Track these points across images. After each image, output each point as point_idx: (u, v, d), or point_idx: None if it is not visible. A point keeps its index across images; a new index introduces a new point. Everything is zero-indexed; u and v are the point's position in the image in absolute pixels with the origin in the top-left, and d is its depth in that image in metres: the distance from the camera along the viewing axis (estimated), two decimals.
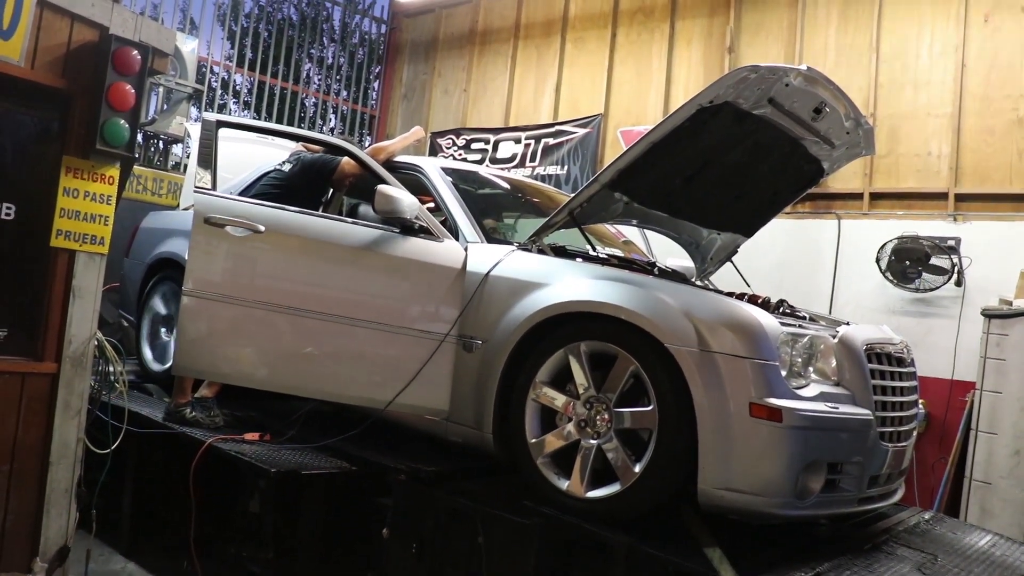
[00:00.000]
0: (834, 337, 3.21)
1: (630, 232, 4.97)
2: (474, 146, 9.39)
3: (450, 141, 9.60)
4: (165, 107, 8.27)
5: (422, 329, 3.67)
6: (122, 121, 3.48)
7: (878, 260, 6.22)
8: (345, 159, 4.36)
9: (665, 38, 8.17)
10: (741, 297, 3.62)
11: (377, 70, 10.98)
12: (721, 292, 3.77)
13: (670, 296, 3.14)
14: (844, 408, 3.07)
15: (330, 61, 10.66)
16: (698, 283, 4.38)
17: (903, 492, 3.62)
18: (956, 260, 5.98)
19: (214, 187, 3.94)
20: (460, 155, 9.41)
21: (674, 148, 3.52)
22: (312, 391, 3.97)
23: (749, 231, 4.52)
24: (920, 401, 3.76)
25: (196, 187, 3.89)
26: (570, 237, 4.03)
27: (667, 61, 8.11)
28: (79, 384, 3.57)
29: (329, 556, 3.95)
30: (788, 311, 3.74)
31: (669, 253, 4.76)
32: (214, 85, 9.63)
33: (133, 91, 3.49)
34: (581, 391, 3.22)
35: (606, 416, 3.15)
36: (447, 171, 4.31)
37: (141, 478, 4.60)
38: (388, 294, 3.79)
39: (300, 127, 9.80)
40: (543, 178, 8.51)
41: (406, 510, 3.59)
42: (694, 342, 2.96)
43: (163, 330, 5.26)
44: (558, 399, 3.28)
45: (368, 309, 3.74)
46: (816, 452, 2.94)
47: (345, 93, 10.73)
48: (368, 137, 10.69)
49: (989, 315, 5.34)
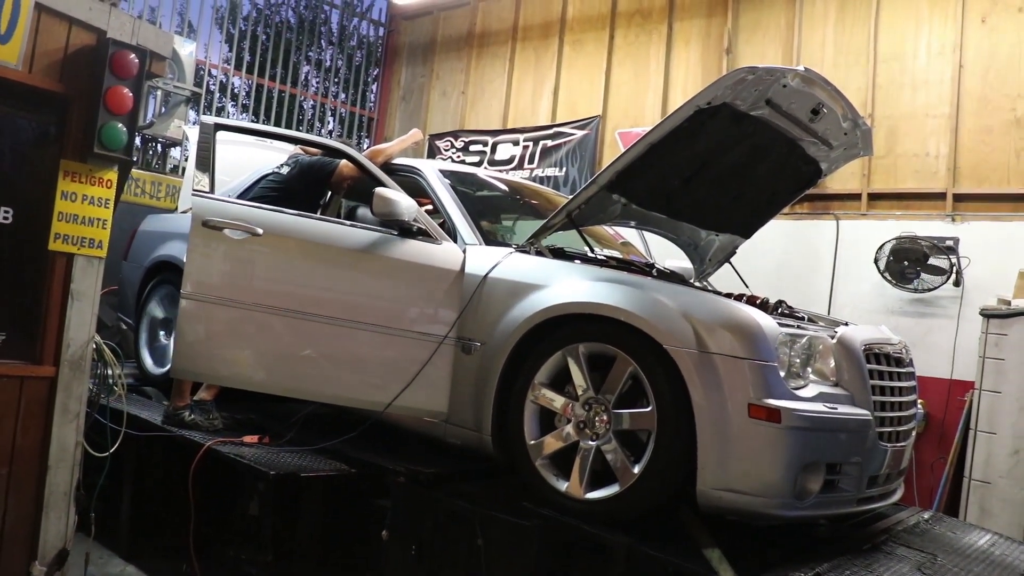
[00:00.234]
0: (833, 338, 3.22)
1: (628, 234, 4.97)
2: (472, 148, 9.39)
3: (448, 143, 9.61)
4: (163, 110, 8.26)
5: (420, 331, 3.67)
6: (120, 125, 3.48)
7: (876, 260, 6.23)
8: (343, 162, 4.36)
9: (663, 39, 8.18)
10: (739, 298, 3.62)
11: (375, 73, 10.99)
12: (720, 293, 3.77)
13: (668, 297, 3.15)
14: (843, 409, 3.07)
15: (328, 64, 10.67)
16: (696, 284, 4.38)
17: (902, 492, 3.62)
18: (954, 260, 5.99)
19: (212, 190, 3.94)
20: (458, 157, 9.41)
21: (672, 149, 3.52)
22: (311, 394, 3.97)
23: (747, 232, 4.53)
24: (919, 401, 3.76)
25: (194, 190, 3.89)
26: (568, 239, 4.03)
27: (665, 62, 8.12)
28: (77, 387, 3.56)
29: (328, 558, 3.95)
30: (787, 312, 3.74)
31: (668, 254, 4.76)
32: (212, 88, 9.63)
33: (131, 95, 3.48)
34: (580, 392, 3.22)
35: (605, 417, 3.15)
36: (445, 173, 4.31)
37: (140, 481, 4.60)
38: (386, 296, 3.79)
39: (298, 130, 9.80)
40: (541, 180, 8.51)
41: (405, 512, 3.59)
42: (692, 343, 2.96)
43: (162, 333, 5.26)
44: (557, 401, 3.28)
45: (366, 311, 3.74)
46: (815, 453, 2.94)
47: (343, 96, 10.73)
48: (366, 140, 10.69)
49: (988, 315, 5.34)
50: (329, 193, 4.70)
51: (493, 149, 9.22)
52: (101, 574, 4.32)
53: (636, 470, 3.03)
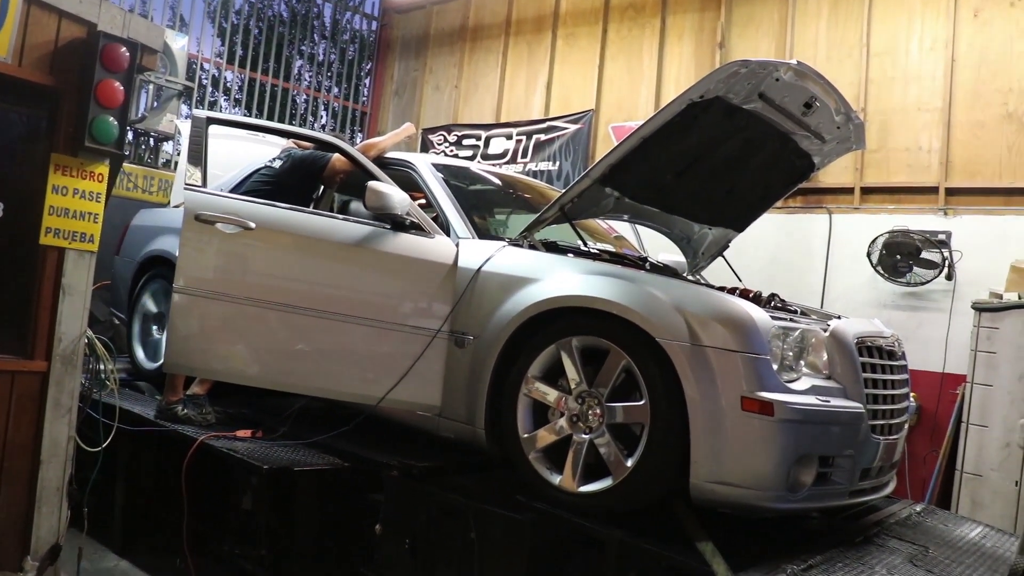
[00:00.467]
0: (825, 331, 3.22)
1: (621, 227, 4.97)
2: (465, 142, 9.38)
3: (441, 137, 9.59)
4: (155, 104, 8.24)
5: (414, 325, 3.67)
6: (111, 118, 3.46)
7: (869, 254, 6.24)
8: (336, 155, 4.35)
9: (656, 34, 8.17)
10: (732, 291, 3.62)
11: (368, 67, 10.96)
12: (712, 287, 3.77)
13: (661, 291, 3.15)
14: (835, 401, 3.08)
15: (321, 58, 10.64)
16: (689, 278, 4.38)
17: (894, 485, 3.64)
18: (947, 254, 6.00)
19: (204, 184, 3.92)
20: (451, 151, 9.40)
21: (665, 143, 3.52)
22: (304, 388, 3.97)
23: (740, 226, 4.53)
24: (911, 394, 3.77)
25: (186, 184, 3.88)
26: (561, 232, 4.03)
27: (658, 57, 8.12)
28: (69, 382, 3.55)
29: (322, 553, 3.95)
30: (779, 305, 3.74)
31: (661, 248, 4.76)
32: (204, 82, 9.60)
33: (122, 88, 3.47)
34: (573, 386, 3.22)
35: (598, 411, 3.15)
36: (438, 167, 4.30)
37: (133, 476, 4.59)
38: (379, 290, 3.79)
39: (291, 124, 9.77)
40: (535, 174, 8.50)
41: (399, 506, 3.59)
42: (685, 336, 2.97)
43: (154, 328, 5.25)
44: (550, 394, 3.28)
45: (359, 305, 3.74)
46: (807, 445, 2.95)
47: (336, 90, 10.70)
48: (359, 134, 10.67)
49: (980, 308, 5.36)
50: (322, 187, 4.69)
51: (486, 143, 9.21)
52: (94, 569, 4.30)
53: (629, 463, 3.03)
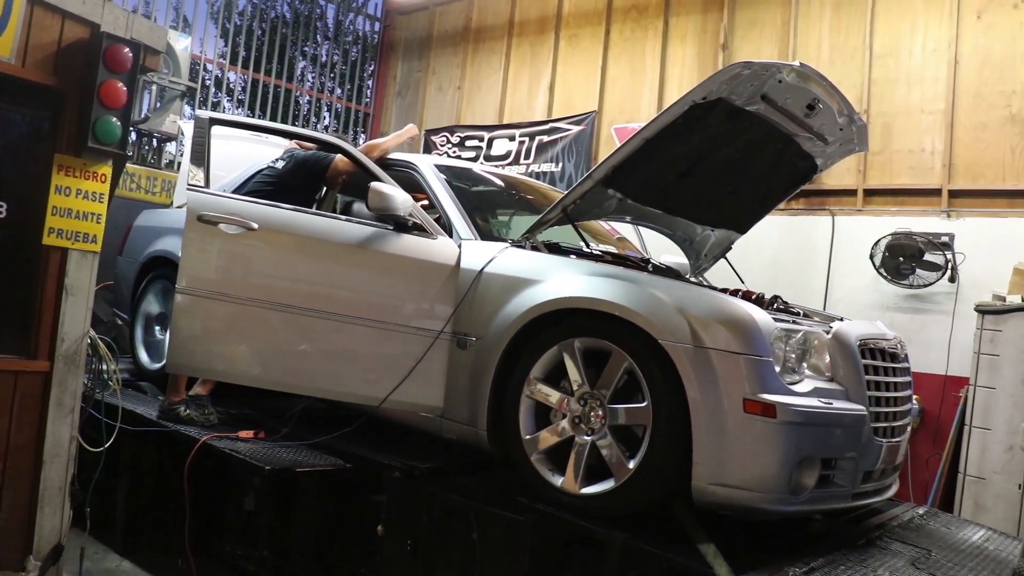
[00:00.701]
0: (828, 333, 3.22)
1: (624, 229, 4.97)
2: (468, 143, 9.39)
3: (444, 138, 9.60)
4: (158, 105, 8.24)
5: (416, 326, 3.67)
6: (114, 119, 3.46)
7: (872, 256, 6.23)
8: (339, 156, 4.35)
9: (659, 35, 8.17)
10: (735, 293, 3.62)
11: (371, 68, 10.97)
12: (715, 288, 3.77)
13: (664, 292, 3.14)
14: (838, 404, 3.07)
15: (324, 59, 10.65)
16: (692, 279, 4.38)
17: (897, 487, 3.63)
18: (950, 256, 6.00)
19: (207, 185, 3.92)
20: (454, 152, 9.40)
21: (668, 145, 3.51)
22: (306, 388, 3.97)
23: (743, 227, 4.53)
24: (914, 397, 3.76)
25: (189, 185, 3.88)
26: (564, 234, 4.03)
27: (661, 58, 8.12)
28: (72, 382, 3.56)
29: (323, 553, 3.95)
30: (782, 307, 3.74)
31: (663, 250, 4.76)
32: (207, 83, 9.60)
33: (125, 89, 3.47)
34: (575, 387, 3.22)
35: (600, 412, 3.15)
36: (441, 168, 4.30)
37: (135, 476, 4.59)
38: (382, 291, 3.78)
39: (294, 125, 9.78)
40: (537, 175, 8.51)
41: (400, 507, 3.59)
42: (688, 338, 2.96)
43: (157, 328, 5.25)
44: (552, 396, 3.28)
45: (362, 306, 3.74)
46: (810, 448, 2.94)
47: (339, 91, 10.71)
48: (362, 135, 10.67)
49: (983, 311, 5.36)
50: (324, 188, 4.69)
51: (489, 144, 9.21)
52: (96, 569, 4.31)
53: (631, 465, 3.03)
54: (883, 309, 6.26)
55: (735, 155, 3.83)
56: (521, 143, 8.93)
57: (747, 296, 3.62)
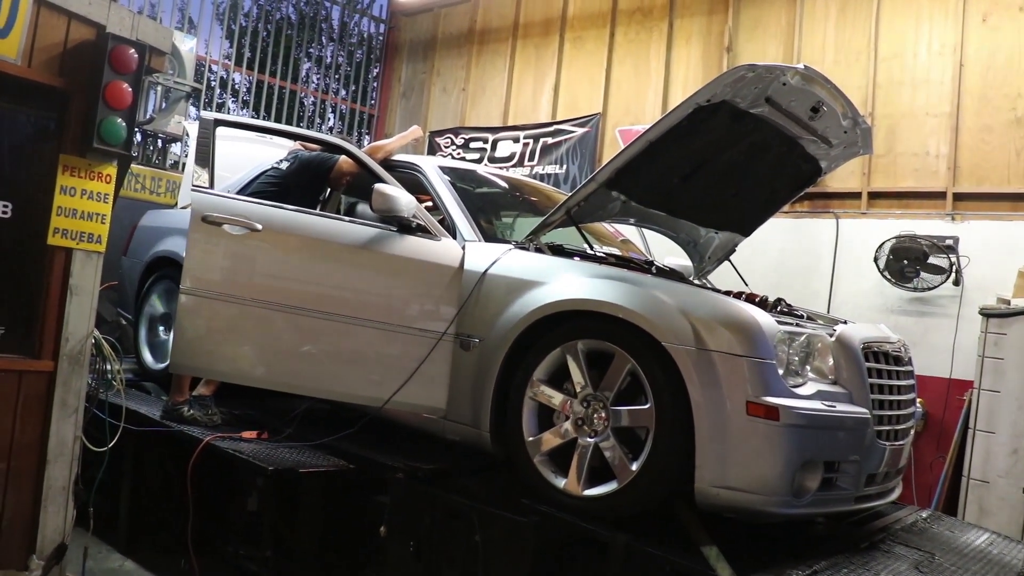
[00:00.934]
0: (831, 336, 3.21)
1: (628, 231, 4.97)
2: (473, 145, 9.39)
3: (449, 140, 9.60)
4: (163, 106, 8.25)
5: (419, 327, 3.67)
6: (119, 119, 3.47)
7: (876, 259, 6.23)
8: (343, 158, 4.36)
9: (663, 37, 8.17)
10: (739, 296, 3.62)
11: (376, 69, 10.98)
12: (719, 291, 3.77)
13: (667, 295, 3.14)
14: (841, 407, 3.07)
15: (329, 60, 10.66)
16: (696, 282, 4.38)
17: (900, 491, 3.63)
18: (954, 259, 5.99)
19: (212, 186, 3.94)
20: (458, 154, 9.40)
21: (672, 147, 3.51)
22: (310, 389, 3.97)
23: (747, 230, 4.52)
24: (918, 400, 3.76)
25: (194, 186, 3.89)
26: (568, 236, 4.03)
27: (665, 60, 8.12)
28: (76, 382, 3.56)
29: (326, 554, 3.95)
30: (785, 310, 3.74)
31: (667, 252, 4.76)
32: (213, 84, 9.62)
33: (130, 89, 3.48)
34: (578, 389, 3.22)
35: (603, 414, 3.15)
36: (445, 170, 4.31)
37: (139, 476, 4.60)
38: (386, 292, 3.79)
39: (298, 126, 9.79)
40: (542, 177, 8.51)
41: (403, 508, 3.59)
42: (691, 340, 2.96)
43: (161, 328, 5.26)
44: (555, 397, 3.28)
45: (365, 307, 3.74)
46: (813, 450, 2.94)
47: (344, 92, 10.73)
48: (367, 136, 10.69)
49: (987, 314, 5.35)
50: (328, 189, 4.70)
51: (493, 146, 9.21)
52: (100, 569, 4.32)
53: (634, 467, 3.03)
54: (887, 312, 6.25)
55: (739, 157, 3.83)
56: (525, 145, 8.93)
57: (750, 298, 3.62)
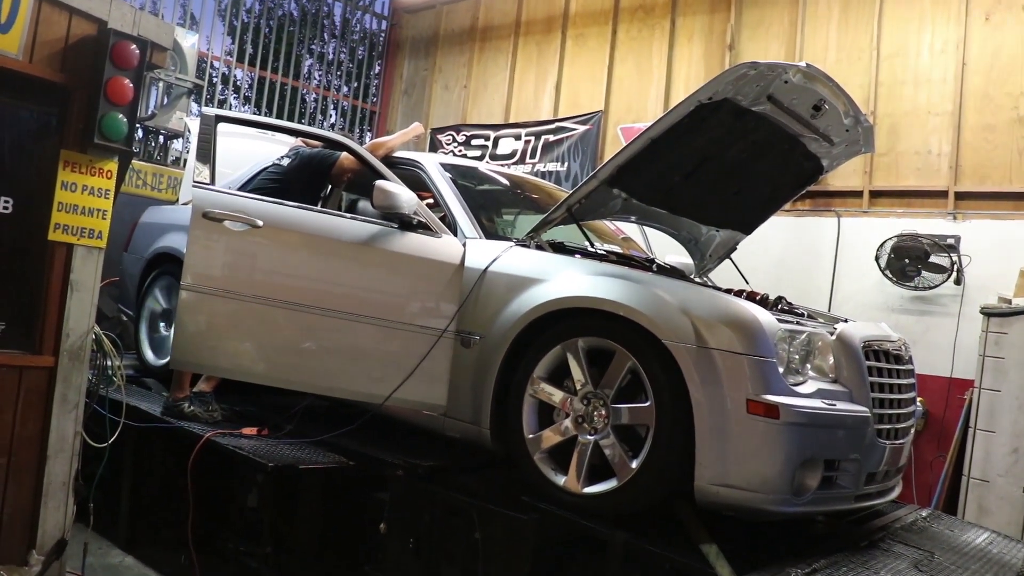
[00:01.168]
0: (832, 334, 3.21)
1: (629, 229, 4.96)
2: (474, 142, 9.39)
3: (450, 137, 9.60)
4: (165, 102, 8.25)
5: (420, 324, 3.67)
6: (120, 115, 3.47)
7: (877, 258, 6.22)
8: (344, 154, 4.35)
9: (666, 35, 8.17)
10: (739, 294, 3.62)
11: (378, 66, 10.97)
12: (719, 289, 3.77)
13: (668, 293, 3.14)
14: (841, 405, 3.07)
15: (331, 57, 10.65)
16: (697, 280, 4.38)
17: (901, 489, 3.63)
18: (955, 258, 5.98)
19: (213, 182, 3.93)
20: (460, 151, 9.40)
21: (673, 144, 3.51)
22: (310, 386, 3.97)
23: (748, 228, 4.52)
24: (918, 399, 3.75)
25: (195, 182, 3.89)
26: (569, 233, 4.03)
27: (667, 58, 8.11)
28: (76, 378, 3.56)
29: (326, 551, 3.95)
30: (786, 308, 3.73)
31: (668, 250, 4.75)
32: (214, 80, 9.62)
33: (131, 85, 3.47)
34: (578, 387, 3.22)
35: (603, 412, 3.15)
36: (446, 167, 4.30)
37: (139, 472, 4.60)
38: (386, 289, 3.79)
39: (300, 123, 9.79)
40: (543, 175, 8.50)
41: (403, 505, 3.60)
42: (692, 338, 2.96)
43: (162, 324, 5.26)
44: (555, 395, 3.28)
45: (366, 304, 3.74)
46: (813, 449, 2.94)
47: (346, 89, 10.72)
48: (368, 133, 10.68)
49: (988, 313, 5.34)
50: (330, 186, 4.69)
51: (495, 143, 9.21)
52: (100, 564, 4.32)
53: (634, 465, 3.03)
54: (888, 311, 6.25)
55: (741, 155, 3.82)
56: (527, 142, 8.93)
57: (751, 297, 3.61)
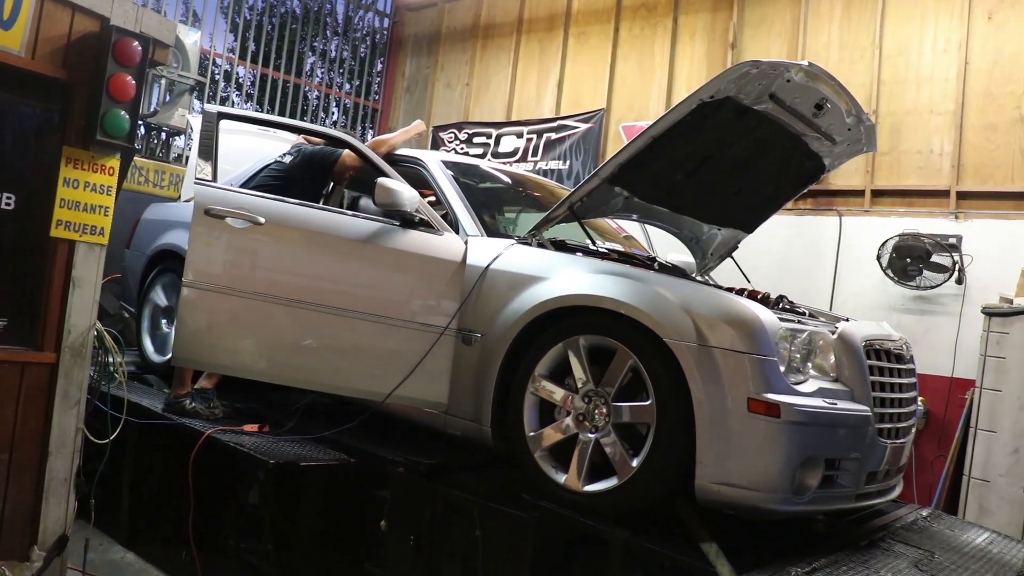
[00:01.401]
0: (833, 333, 3.21)
1: (631, 227, 4.97)
2: (476, 140, 9.39)
3: (452, 135, 9.60)
4: (167, 99, 8.25)
5: (421, 322, 3.67)
6: (122, 112, 3.47)
7: (879, 257, 6.22)
8: (346, 152, 4.36)
9: (668, 33, 8.16)
10: (741, 293, 3.61)
11: (380, 64, 10.97)
12: (721, 287, 3.76)
13: (669, 291, 3.14)
14: (842, 404, 3.07)
15: (333, 54, 10.66)
16: (698, 278, 4.37)
17: (901, 489, 3.62)
18: (957, 258, 5.98)
19: (215, 179, 3.94)
20: (462, 149, 9.40)
21: (675, 143, 3.51)
22: (311, 383, 3.98)
23: (750, 227, 4.52)
24: (919, 398, 3.75)
25: (197, 179, 3.90)
26: (570, 231, 4.03)
27: (670, 56, 8.11)
28: (78, 374, 3.57)
29: (327, 548, 3.96)
30: (787, 307, 3.73)
31: (670, 248, 4.75)
32: (217, 77, 9.63)
33: (133, 82, 3.48)
34: (580, 385, 3.22)
35: (604, 410, 3.15)
36: (448, 165, 4.31)
37: (140, 468, 4.61)
38: (388, 287, 3.79)
39: (302, 120, 9.79)
40: (545, 173, 8.50)
41: (404, 502, 3.60)
42: (693, 337, 2.96)
43: (164, 321, 5.26)
44: (556, 393, 3.28)
45: (368, 302, 3.74)
46: (814, 448, 2.94)
47: (348, 86, 10.73)
48: (370, 130, 10.68)
49: (989, 313, 5.34)
50: (332, 183, 4.69)
51: (497, 141, 9.21)
52: (101, 560, 4.33)
53: (635, 463, 3.03)
54: (889, 310, 6.25)
55: (742, 154, 3.82)
56: (529, 140, 8.93)
57: (753, 295, 3.61)
